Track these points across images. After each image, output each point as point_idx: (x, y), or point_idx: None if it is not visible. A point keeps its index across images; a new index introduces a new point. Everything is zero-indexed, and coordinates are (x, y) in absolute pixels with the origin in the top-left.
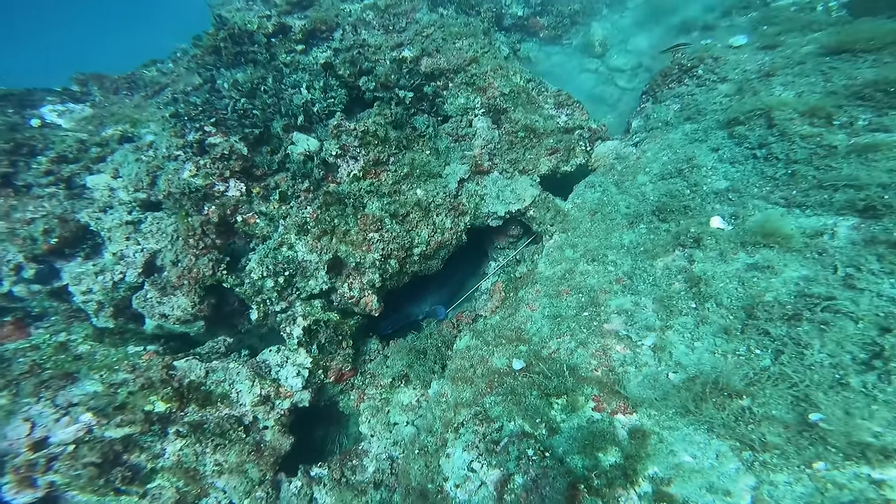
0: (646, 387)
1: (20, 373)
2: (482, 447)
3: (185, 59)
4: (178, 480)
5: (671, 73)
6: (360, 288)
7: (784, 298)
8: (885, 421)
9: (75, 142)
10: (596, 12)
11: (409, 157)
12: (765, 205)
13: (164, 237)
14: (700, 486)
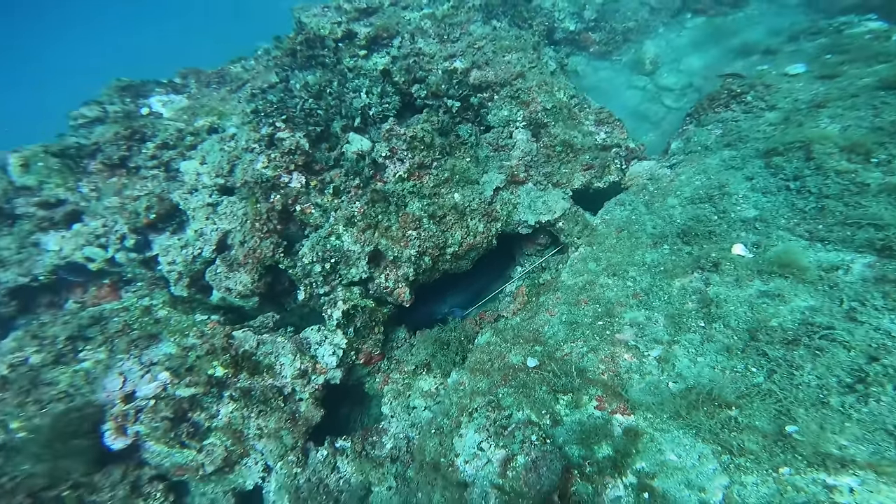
0: (646, 392)
1: (115, 331)
2: (492, 430)
3: (264, 58)
4: (228, 440)
5: (719, 98)
6: (395, 279)
7: (787, 325)
8: (853, 436)
9: (175, 131)
10: (651, 30)
11: (451, 162)
12: (789, 236)
13: (235, 219)
14: (679, 482)
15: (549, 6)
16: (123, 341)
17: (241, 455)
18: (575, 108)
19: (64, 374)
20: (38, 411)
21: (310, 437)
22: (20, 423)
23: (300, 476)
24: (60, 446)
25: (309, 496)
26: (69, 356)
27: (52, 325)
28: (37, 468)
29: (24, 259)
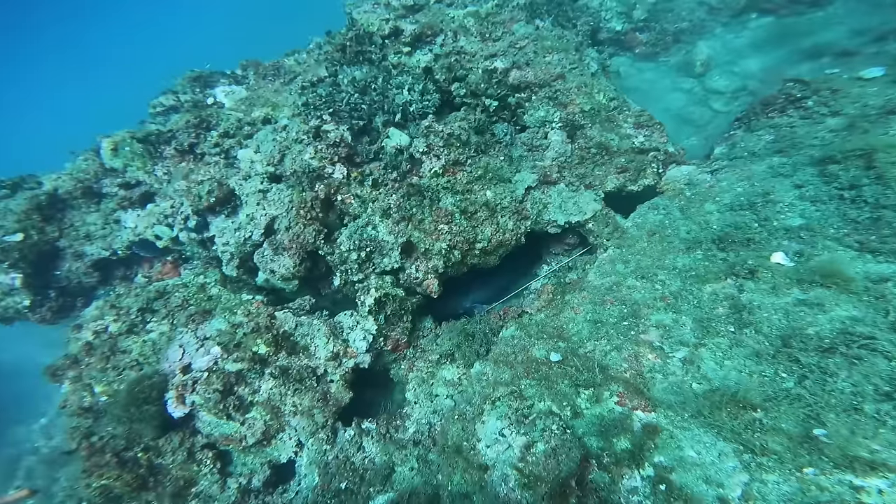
0: (669, 392)
1: (175, 305)
2: (513, 418)
3: (315, 52)
4: (267, 415)
5: (774, 102)
6: (425, 271)
7: (825, 333)
8: (887, 442)
9: (235, 120)
10: (707, 31)
11: (485, 160)
12: (836, 246)
13: (282, 206)
14: (698, 477)
15: (595, 6)
16: (183, 315)
17: (277, 430)
18: (614, 110)
19: (135, 343)
20: (116, 377)
21: (339, 417)
22: (103, 387)
23: (329, 453)
24: (135, 411)
25: (337, 472)
26: (139, 327)
27: (126, 296)
28: (118, 430)
29: (107, 234)
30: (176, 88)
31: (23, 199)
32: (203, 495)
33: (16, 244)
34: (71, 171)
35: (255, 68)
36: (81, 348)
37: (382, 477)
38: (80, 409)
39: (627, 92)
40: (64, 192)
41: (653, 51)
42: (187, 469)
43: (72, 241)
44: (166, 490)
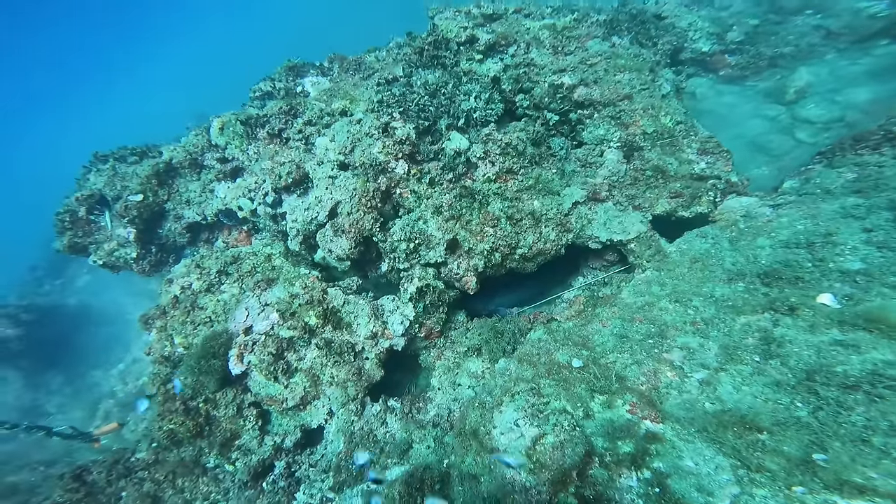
0: (680, 408)
1: (245, 271)
2: (529, 412)
3: (395, 51)
4: (307, 382)
5: (869, 138)
6: (465, 268)
7: (852, 372)
8: (887, 471)
9: (318, 110)
10: (816, 56)
11: (537, 172)
12: (893, 294)
13: (347, 192)
14: (691, 485)
15: (684, 25)
16: (251, 281)
17: (313, 397)
18: (678, 134)
19: (211, 301)
20: (193, 331)
21: (368, 393)
22: (181, 339)
23: (356, 424)
24: (205, 364)
25: (360, 442)
26: (216, 286)
27: (208, 258)
28: (188, 380)
29: (202, 202)
30: (273, 76)
31: (147, 166)
32: (244, 448)
33: (136, 203)
34: (185, 144)
35: (340, 62)
36: (170, 300)
37: (401, 451)
38: (161, 356)
39: (700, 115)
40: (177, 161)
41: (741, 74)
42: (234, 423)
43: (175, 205)
44: (216, 440)
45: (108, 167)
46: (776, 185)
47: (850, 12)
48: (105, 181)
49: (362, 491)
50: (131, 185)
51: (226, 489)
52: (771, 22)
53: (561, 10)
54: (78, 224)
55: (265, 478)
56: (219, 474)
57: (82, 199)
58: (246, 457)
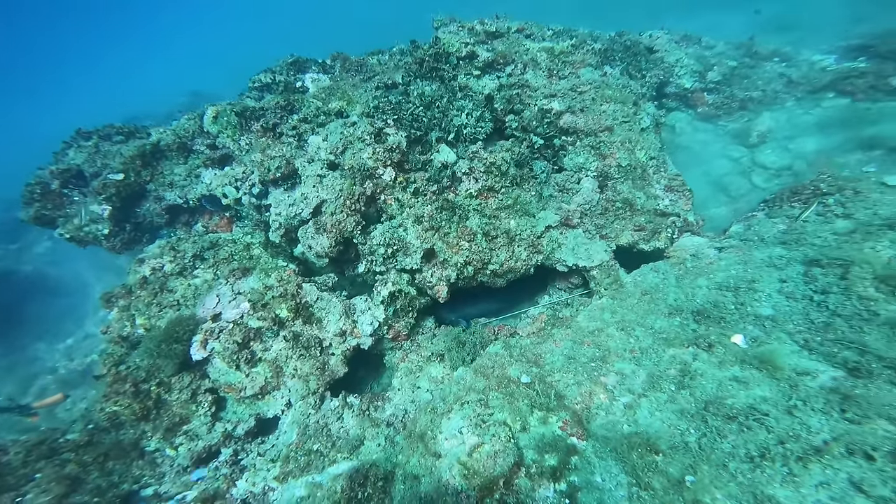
0: (604, 428)
1: (222, 258)
2: (474, 421)
3: (396, 57)
4: (269, 372)
5: (802, 192)
6: (439, 278)
7: (737, 405)
8: (728, 494)
9: (315, 108)
10: (778, 103)
11: (517, 193)
12: (786, 339)
13: (333, 192)
14: (595, 499)
15: (671, 61)
16: (226, 268)
17: (273, 388)
18: (650, 169)
19: (182, 285)
20: (158, 313)
21: (329, 388)
22: (144, 320)
23: (312, 417)
24: (165, 347)
25: (313, 435)
26: (189, 271)
27: (185, 241)
28: (143, 363)
29: (186, 185)
30: (275, 68)
31: (133, 146)
32: (191, 433)
33: (116, 182)
34: (175, 128)
35: (343, 62)
36: (138, 280)
37: (352, 447)
38: (119, 336)
39: (676, 149)
40: (165, 144)
41: (715, 113)
42: (186, 408)
43: (157, 186)
44: (162, 424)
45: (91, 144)
46: (725, 229)
47: (807, 63)
48: (85, 157)
49: (306, 482)
50: (113, 163)
51: (161, 473)
52: (746, 65)
53: (561, 34)
54: (48, 197)
55: (208, 464)
56: (157, 458)
57: (57, 172)
58: (192, 442)
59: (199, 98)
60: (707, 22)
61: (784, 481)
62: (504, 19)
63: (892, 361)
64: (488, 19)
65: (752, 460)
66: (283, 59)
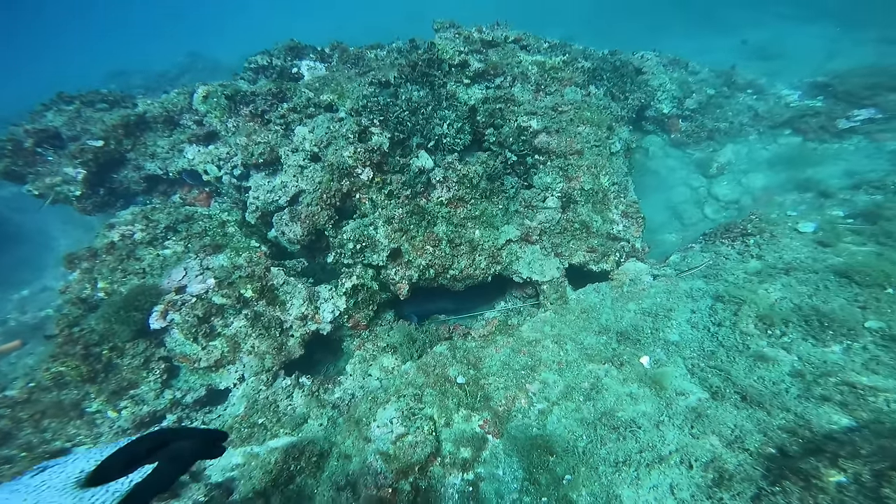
0: (517, 429)
1: (195, 232)
2: (405, 413)
3: (394, 54)
4: (226, 347)
5: (733, 230)
6: (401, 277)
7: (624, 417)
8: (591, 492)
9: (305, 99)
10: (743, 135)
11: (485, 205)
12: (680, 363)
13: (311, 184)
14: (493, 489)
15: (655, 84)
16: (198, 243)
17: (229, 362)
18: (611, 194)
19: (150, 254)
20: (121, 279)
21: (284, 367)
22: (105, 284)
23: (262, 393)
24: (123, 314)
25: (261, 409)
26: (160, 241)
27: (160, 211)
28: (98, 326)
29: (168, 158)
30: (272, 51)
31: (117, 115)
32: (137, 398)
33: (95, 148)
34: (163, 101)
35: (341, 52)
36: (105, 245)
37: (295, 424)
38: (77, 298)
39: (646, 173)
40: (151, 116)
41: (685, 140)
42: (136, 373)
43: (138, 156)
44: (108, 387)
45: (73, 109)
46: (665, 258)
47: (775, 97)
48: (65, 121)
49: (244, 452)
50: (94, 129)
51: (99, 433)
52: (722, 95)
53: (556, 49)
54: (20, 154)
55: (149, 428)
56: (97, 419)
57: (32, 131)
58: (137, 406)
59: (197, 59)
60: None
61: (631, 484)
62: (503, 28)
63: (742, 388)
64: (486, 27)
65: (616, 465)
66: (281, 43)
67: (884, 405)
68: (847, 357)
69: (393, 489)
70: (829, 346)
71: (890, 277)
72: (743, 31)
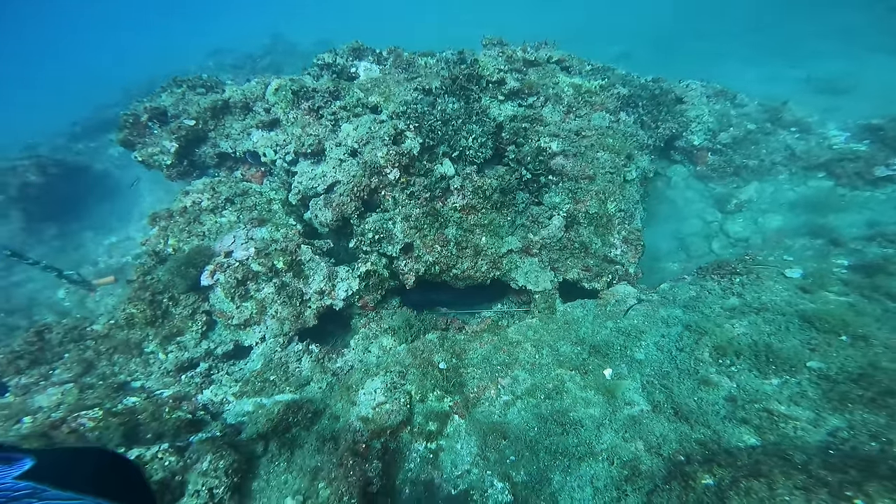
0: (482, 414)
1: (247, 206)
2: (388, 386)
3: (441, 63)
4: (255, 309)
5: (724, 268)
6: (410, 268)
7: (573, 416)
8: (528, 472)
9: (356, 99)
10: (773, 174)
11: (493, 216)
12: (637, 377)
13: (346, 177)
14: (450, 459)
15: (692, 115)
16: (248, 215)
17: (255, 322)
18: (615, 219)
19: (210, 220)
20: (186, 238)
21: (298, 334)
22: (174, 242)
23: (277, 354)
24: (183, 269)
25: (273, 368)
26: (219, 210)
27: (224, 184)
28: (164, 277)
29: (238, 139)
30: (338, 51)
31: (208, 99)
32: (182, 344)
33: (188, 126)
34: (244, 89)
35: (396, 57)
36: (180, 208)
37: (299, 384)
38: (153, 251)
39: (664, 201)
40: (233, 101)
41: (710, 174)
42: (184, 322)
43: (217, 135)
44: (162, 331)
45: (180, 91)
46: (657, 285)
47: (819, 138)
48: (173, 102)
49: (255, 402)
50: (190, 110)
51: (149, 372)
52: (762, 131)
53: (597, 72)
54: (136, 126)
55: (186, 373)
56: (150, 359)
57: (149, 109)
58: (180, 352)
59: (278, 42)
60: (770, 73)
61: (563, 470)
62: (548, 48)
63: (678, 405)
64: (532, 46)
65: (554, 454)
66: (347, 44)
67: (791, 431)
68: (779, 389)
69: (366, 446)
70: (769, 378)
71: (847, 326)
72: (822, 62)
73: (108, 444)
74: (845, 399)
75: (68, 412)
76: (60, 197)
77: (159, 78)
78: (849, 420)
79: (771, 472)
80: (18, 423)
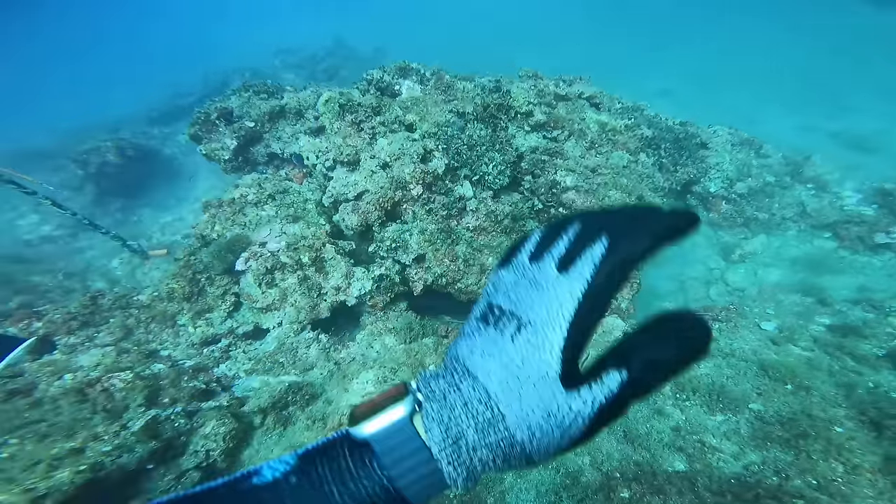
0: None
1: (286, 203)
2: (379, 378)
3: (478, 89)
4: (277, 296)
5: (708, 313)
6: (419, 277)
7: None
8: None
9: (394, 116)
10: (782, 229)
11: (502, 239)
12: None
13: (374, 187)
14: None
15: (712, 162)
16: (285, 211)
17: (276, 308)
18: None
19: (253, 212)
20: (230, 226)
21: (311, 323)
22: (219, 228)
23: (290, 339)
24: (223, 253)
25: (284, 351)
26: (262, 204)
27: (270, 181)
28: (205, 259)
29: (287, 142)
30: (386, 69)
31: (268, 105)
32: (210, 321)
33: (248, 128)
34: (300, 97)
35: (438, 78)
36: (229, 199)
37: (303, 369)
38: (200, 234)
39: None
40: (289, 108)
41: (721, 222)
42: (215, 301)
43: (270, 137)
44: (195, 307)
45: (247, 95)
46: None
47: (833, 197)
48: (239, 104)
49: (262, 379)
50: (252, 112)
51: (178, 343)
52: (781, 185)
53: (627, 111)
54: (206, 124)
55: (208, 347)
56: (180, 332)
57: (219, 109)
58: (207, 327)
59: (339, 47)
60: (805, 122)
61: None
62: (582, 83)
63: (630, 429)
64: (565, 81)
65: None
66: (395, 63)
67: (715, 461)
68: (719, 425)
69: None
70: (715, 415)
71: (795, 377)
72: (860, 117)
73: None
74: (767, 438)
75: (104, 372)
76: (131, 176)
77: (232, 71)
78: (763, 456)
79: (669, 491)
80: (60, 380)
